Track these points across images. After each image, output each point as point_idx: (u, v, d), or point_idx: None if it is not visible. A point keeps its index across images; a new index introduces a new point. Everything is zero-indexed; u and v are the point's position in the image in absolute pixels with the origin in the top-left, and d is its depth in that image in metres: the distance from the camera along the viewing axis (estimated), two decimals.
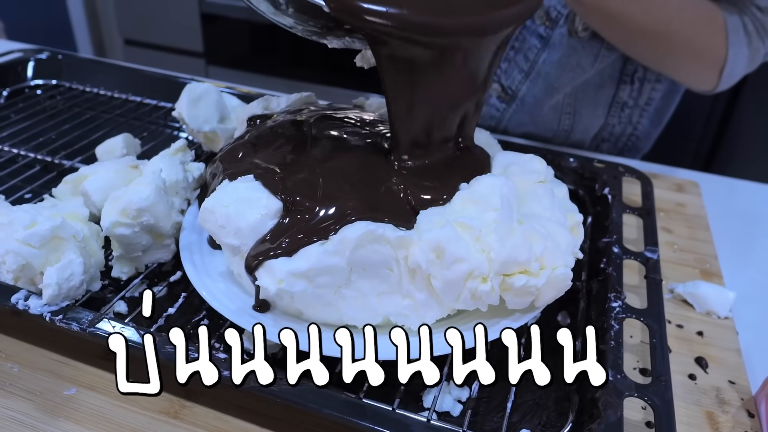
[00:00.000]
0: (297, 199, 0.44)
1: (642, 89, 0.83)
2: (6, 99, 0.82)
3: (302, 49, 2.18)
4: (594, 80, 0.82)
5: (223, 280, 0.49)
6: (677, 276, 0.61)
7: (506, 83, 0.86)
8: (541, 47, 0.81)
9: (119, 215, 0.49)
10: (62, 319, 0.44)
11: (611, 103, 0.84)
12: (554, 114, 0.86)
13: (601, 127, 0.87)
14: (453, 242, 0.42)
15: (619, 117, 0.85)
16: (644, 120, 0.87)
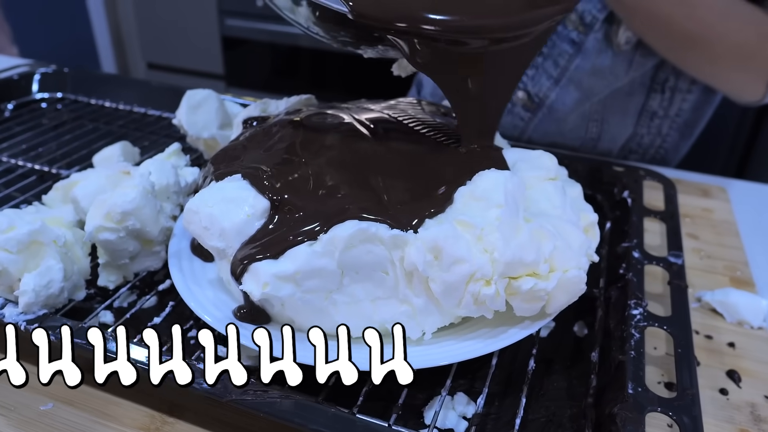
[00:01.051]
0: (285, 197, 0.41)
1: (673, 99, 0.79)
2: (11, 112, 0.82)
3: (323, 72, 2.18)
4: (624, 88, 0.78)
5: (212, 288, 0.46)
6: (705, 284, 0.57)
7: (533, 90, 0.82)
8: (573, 53, 0.77)
9: (103, 219, 0.46)
10: (38, 328, 0.42)
11: (641, 112, 0.80)
12: (581, 121, 0.82)
13: (629, 137, 0.83)
14: (452, 241, 0.38)
15: (648, 127, 0.81)
16: (673, 132, 0.83)
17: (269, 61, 2.31)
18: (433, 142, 0.47)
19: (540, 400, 0.44)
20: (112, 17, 2.46)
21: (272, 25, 2.16)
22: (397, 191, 0.42)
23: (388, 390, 0.42)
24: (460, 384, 0.45)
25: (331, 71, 2.16)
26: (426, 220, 0.40)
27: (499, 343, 0.41)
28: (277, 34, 2.18)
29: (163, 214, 0.50)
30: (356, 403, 0.40)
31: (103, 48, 2.48)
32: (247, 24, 2.23)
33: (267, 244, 0.40)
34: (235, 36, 2.28)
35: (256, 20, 2.20)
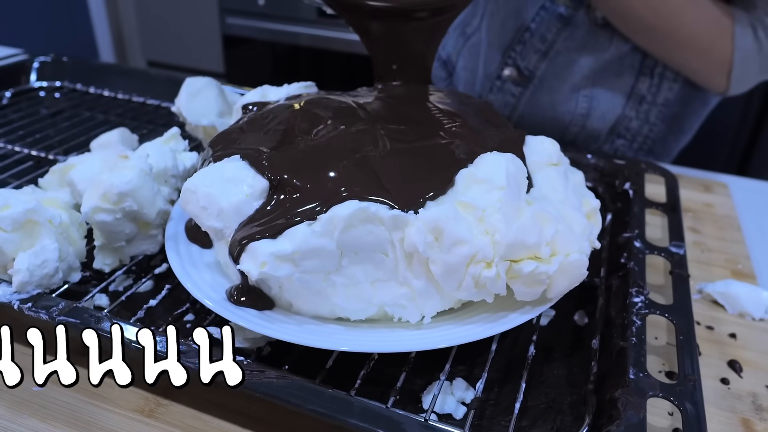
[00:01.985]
0: (284, 178, 0.41)
1: (661, 86, 0.80)
2: (9, 99, 0.81)
3: (324, 71, 2.18)
4: (613, 67, 0.79)
5: (209, 271, 0.46)
6: (706, 276, 0.56)
7: (522, 64, 0.83)
8: (560, 27, 0.79)
9: (99, 200, 0.46)
10: (31, 307, 0.41)
11: (630, 94, 0.81)
12: (572, 94, 0.83)
13: (618, 118, 0.84)
14: (453, 222, 0.38)
15: (636, 111, 0.82)
16: (660, 123, 0.83)
17: (270, 60, 2.30)
18: (435, 126, 0.47)
19: (540, 387, 0.43)
20: (112, 15, 2.45)
21: (273, 24, 2.16)
22: (397, 173, 0.41)
23: (386, 375, 0.42)
24: (459, 370, 0.44)
25: (332, 70, 2.16)
26: (427, 201, 0.39)
27: (499, 327, 0.40)
28: (277, 33, 2.18)
29: (160, 197, 0.49)
30: (354, 387, 0.39)
31: (104, 46, 2.48)
32: (247, 23, 2.23)
33: (265, 223, 0.39)
34: (236, 34, 2.27)
35: (257, 19, 2.20)
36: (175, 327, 0.44)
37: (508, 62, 0.84)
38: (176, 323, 0.46)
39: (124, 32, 2.52)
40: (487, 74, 0.87)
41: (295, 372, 0.38)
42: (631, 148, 0.85)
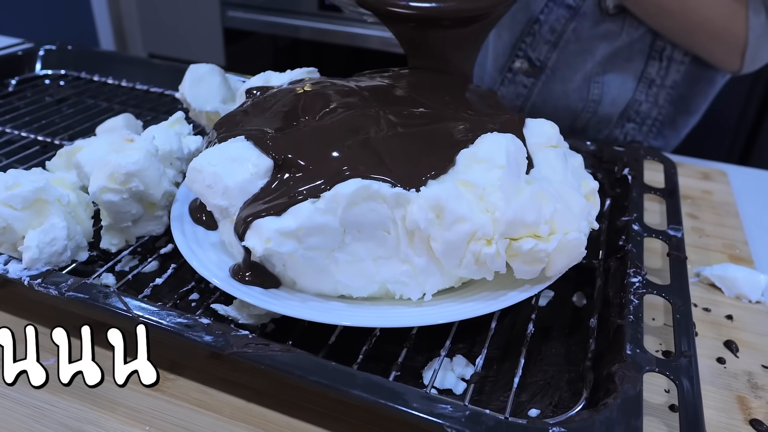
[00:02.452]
0: (289, 157, 0.41)
1: (669, 68, 0.81)
2: (14, 87, 0.82)
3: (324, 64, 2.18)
4: (623, 53, 0.81)
5: (215, 251, 0.46)
6: (704, 261, 0.57)
7: (534, 55, 0.84)
8: (569, 17, 0.80)
9: (107, 180, 0.46)
10: (41, 283, 0.42)
11: (640, 78, 0.83)
12: (584, 82, 0.84)
13: (628, 102, 0.85)
14: (454, 200, 0.38)
15: (646, 94, 0.84)
16: (668, 105, 0.85)
17: (270, 53, 2.31)
18: (438, 109, 0.48)
19: (538, 364, 0.44)
20: (113, 8, 2.46)
21: (274, 16, 2.17)
22: (399, 153, 0.42)
23: (388, 352, 0.42)
24: (459, 347, 0.45)
25: (333, 63, 2.17)
26: (429, 180, 0.40)
27: (499, 304, 0.41)
28: (278, 25, 2.18)
29: (165, 179, 0.50)
30: (356, 361, 0.40)
31: (105, 39, 2.49)
32: (248, 15, 2.23)
33: (270, 201, 0.40)
34: (237, 27, 2.28)
35: (258, 12, 2.20)
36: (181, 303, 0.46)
37: (519, 54, 0.85)
38: (182, 301, 0.47)
39: (125, 25, 2.52)
40: (498, 68, 0.88)
41: (299, 347, 0.39)
42: (641, 132, 0.86)
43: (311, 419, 0.39)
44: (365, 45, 2.07)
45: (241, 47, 2.32)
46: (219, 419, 0.39)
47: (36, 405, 0.39)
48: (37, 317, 0.46)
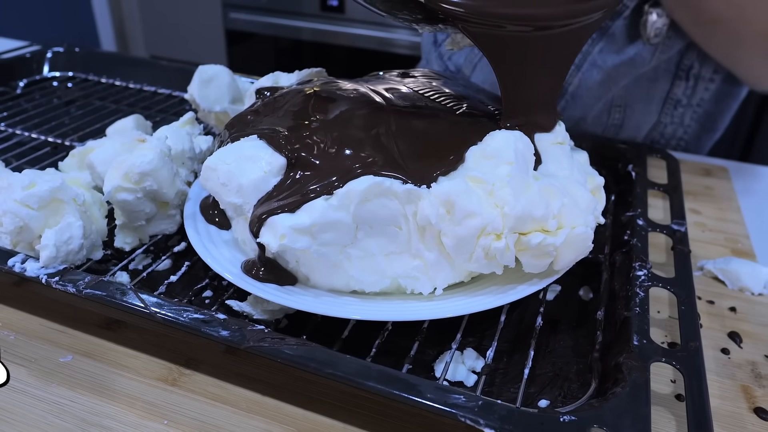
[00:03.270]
0: (302, 155, 0.42)
1: (696, 87, 0.78)
2: (22, 89, 0.83)
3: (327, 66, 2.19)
4: (648, 74, 0.78)
5: (228, 248, 0.47)
6: (707, 254, 0.58)
7: None
8: (596, 38, 0.76)
9: (121, 180, 0.47)
10: (59, 281, 0.43)
11: (665, 99, 0.79)
12: (605, 107, 0.81)
13: (652, 126, 0.82)
14: (464, 196, 0.39)
15: (671, 116, 0.81)
16: (694, 123, 0.82)
17: (272, 55, 2.31)
18: (447, 109, 0.48)
19: (547, 357, 0.45)
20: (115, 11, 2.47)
21: (275, 18, 2.18)
22: (410, 152, 0.43)
23: (399, 346, 0.43)
24: (470, 341, 0.46)
25: (335, 64, 2.18)
26: (439, 177, 0.41)
27: (508, 297, 0.42)
28: (280, 27, 2.19)
29: (178, 178, 0.51)
30: (369, 355, 0.41)
31: (107, 41, 2.50)
32: (250, 17, 2.24)
33: (284, 199, 0.41)
34: (239, 29, 2.29)
35: (259, 13, 2.21)
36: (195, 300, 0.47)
37: None
38: (196, 298, 0.48)
39: (127, 27, 2.53)
40: None
41: (312, 341, 0.40)
42: None
43: (326, 412, 0.40)
44: (366, 46, 2.08)
45: (243, 49, 2.32)
46: (235, 413, 0.40)
47: (55, 401, 0.40)
48: (52, 315, 0.47)
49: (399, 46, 2.03)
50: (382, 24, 2.04)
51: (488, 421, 0.34)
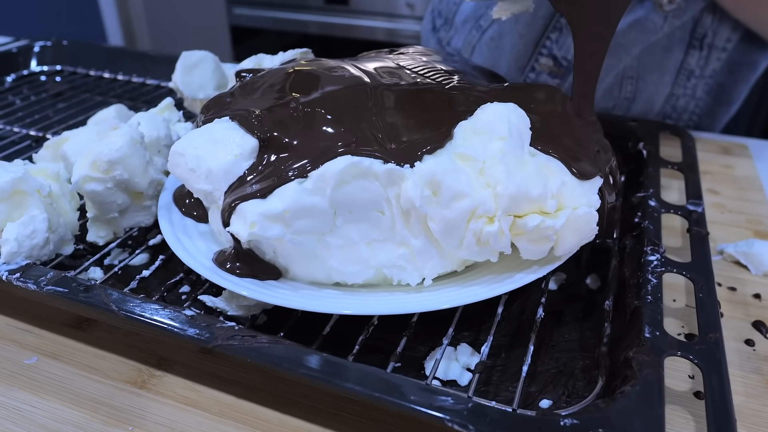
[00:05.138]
0: (274, 135, 0.39)
1: (709, 57, 0.74)
2: (10, 84, 0.80)
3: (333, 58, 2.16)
4: (662, 42, 0.73)
5: (203, 240, 0.44)
6: (727, 237, 0.53)
7: (560, 54, 0.76)
8: None
9: (89, 169, 0.44)
10: (19, 277, 0.40)
11: (679, 70, 0.75)
12: (615, 79, 0.77)
13: (665, 98, 0.78)
14: (451, 175, 0.35)
15: (684, 87, 0.76)
16: (706, 96, 0.77)
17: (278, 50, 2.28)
18: (437, 84, 0.44)
19: (550, 351, 0.41)
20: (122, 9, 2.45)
21: (280, 12, 2.15)
22: (393, 128, 0.39)
23: (388, 342, 0.40)
24: (465, 336, 0.42)
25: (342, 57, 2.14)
26: (424, 155, 0.37)
27: (505, 287, 0.38)
28: (285, 21, 2.17)
29: (152, 167, 0.48)
30: (351, 353, 0.37)
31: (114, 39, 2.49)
32: (254, 12, 2.22)
33: (255, 183, 0.38)
34: (244, 25, 2.26)
35: (264, 8, 2.19)
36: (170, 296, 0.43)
37: (543, 52, 0.77)
38: (170, 293, 0.44)
39: (134, 26, 2.52)
40: (518, 66, 0.80)
41: (290, 340, 0.36)
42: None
43: (304, 415, 0.37)
44: (373, 37, 2.04)
45: (249, 45, 2.30)
46: (207, 417, 0.37)
47: (15, 406, 0.37)
48: (20, 314, 0.44)
49: (406, 37, 1.99)
50: (388, 15, 2.01)
51: (478, 426, 0.30)
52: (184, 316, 0.36)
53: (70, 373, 0.40)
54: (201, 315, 0.37)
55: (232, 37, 2.31)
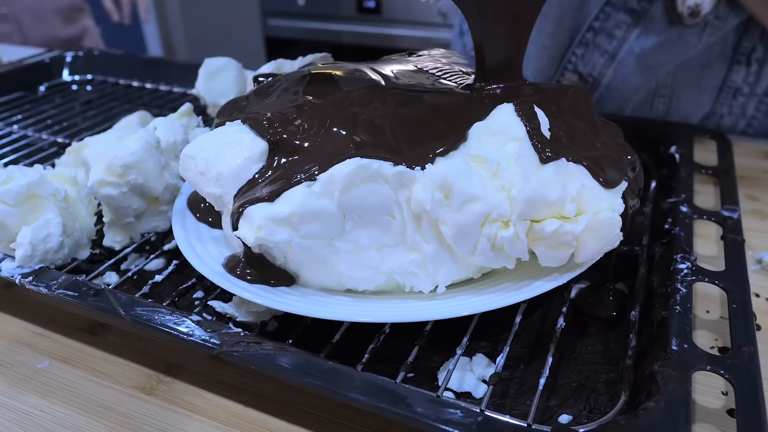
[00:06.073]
0: (283, 137, 0.38)
1: (761, 74, 0.68)
2: (43, 93, 0.82)
3: None
4: (699, 58, 0.68)
5: (216, 245, 0.43)
6: (767, 246, 0.50)
7: (585, 70, 0.73)
8: (632, 22, 0.68)
9: (104, 173, 0.44)
10: (32, 281, 0.40)
11: (720, 88, 0.70)
12: (646, 97, 0.72)
13: (704, 116, 0.73)
14: (464, 177, 0.34)
15: (729, 106, 0.71)
16: (761, 115, 0.71)
17: None
18: (454, 91, 0.43)
19: (572, 364, 0.39)
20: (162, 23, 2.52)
21: (314, 23, 2.17)
22: (405, 131, 0.38)
23: (402, 352, 0.38)
24: (482, 346, 0.40)
25: None
26: (437, 158, 0.36)
27: (522, 295, 0.36)
28: (319, 31, 2.18)
29: (168, 171, 0.47)
30: (361, 361, 0.36)
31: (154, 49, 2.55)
32: (289, 23, 2.24)
33: (264, 187, 0.37)
34: (278, 36, 2.29)
35: (298, 19, 2.21)
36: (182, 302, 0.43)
37: (568, 67, 0.73)
38: (182, 298, 0.44)
39: (173, 37, 2.58)
40: (543, 79, 0.76)
41: (300, 347, 0.35)
42: None
43: (312, 425, 0.35)
44: (406, 46, 2.04)
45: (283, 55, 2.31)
46: (213, 425, 0.36)
47: (24, 410, 0.37)
48: (36, 319, 0.44)
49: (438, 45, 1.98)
50: (420, 23, 2.00)
51: None
52: (190, 321, 0.36)
53: (81, 377, 0.40)
54: (207, 321, 0.36)
55: (267, 47, 2.33)
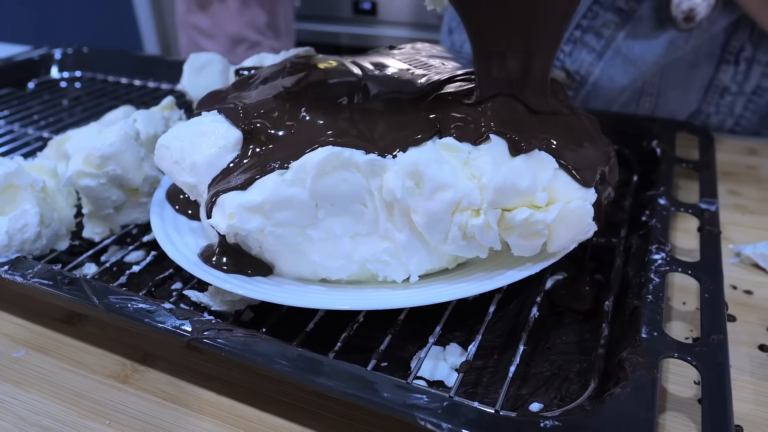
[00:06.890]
0: (257, 126, 0.38)
1: (750, 73, 0.68)
2: (32, 90, 0.82)
3: None
4: (686, 57, 0.68)
5: (194, 235, 0.44)
6: (747, 240, 0.50)
7: (573, 67, 0.73)
8: (620, 22, 0.68)
9: (83, 164, 0.44)
10: (7, 270, 0.40)
11: (708, 87, 0.70)
12: (633, 95, 0.73)
13: (691, 114, 0.73)
14: (434, 165, 0.34)
15: (717, 105, 0.71)
16: (750, 114, 0.71)
17: None
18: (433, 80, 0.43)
19: (545, 353, 0.39)
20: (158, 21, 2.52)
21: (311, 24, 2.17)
22: (379, 121, 0.38)
23: (376, 341, 0.38)
24: (456, 336, 0.40)
25: None
26: (408, 147, 0.36)
27: (494, 283, 0.36)
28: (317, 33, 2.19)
29: (147, 163, 0.47)
30: (333, 350, 0.36)
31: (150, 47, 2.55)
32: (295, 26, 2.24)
33: (237, 175, 0.37)
34: None
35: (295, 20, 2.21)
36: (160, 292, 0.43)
37: (555, 64, 0.73)
38: (160, 288, 0.44)
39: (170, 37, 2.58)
40: None
41: (274, 336, 0.35)
42: None
43: (284, 414, 0.35)
44: None
45: None
46: (185, 413, 0.36)
47: None
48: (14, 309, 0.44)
49: None
50: (416, 24, 2.01)
51: (452, 425, 0.28)
52: (163, 309, 0.36)
53: (56, 366, 0.40)
54: (180, 309, 0.36)
55: None
